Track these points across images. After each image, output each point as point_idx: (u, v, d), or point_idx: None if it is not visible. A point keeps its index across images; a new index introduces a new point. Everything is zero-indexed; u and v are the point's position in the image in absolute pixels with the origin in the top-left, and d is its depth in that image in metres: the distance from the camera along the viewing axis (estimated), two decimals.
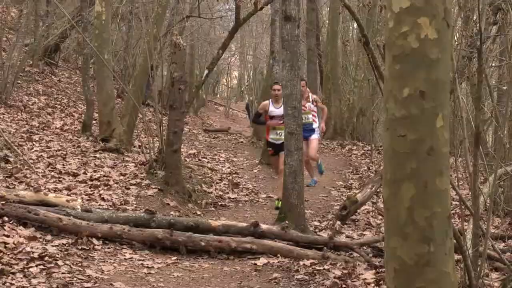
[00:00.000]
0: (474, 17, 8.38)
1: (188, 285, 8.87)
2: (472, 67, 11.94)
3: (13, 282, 8.13)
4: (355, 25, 26.52)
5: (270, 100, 14.40)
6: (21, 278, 8.34)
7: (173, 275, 9.21)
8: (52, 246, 9.62)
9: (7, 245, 9.15)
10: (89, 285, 8.56)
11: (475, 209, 6.91)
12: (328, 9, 29.95)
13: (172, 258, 9.84)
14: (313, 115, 15.67)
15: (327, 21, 29.95)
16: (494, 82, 11.75)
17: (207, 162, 18.45)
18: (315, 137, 15.60)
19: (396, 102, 3.86)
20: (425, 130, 3.81)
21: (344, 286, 8.29)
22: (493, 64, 13.73)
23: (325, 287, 8.48)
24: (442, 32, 3.86)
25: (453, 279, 4.00)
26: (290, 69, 11.62)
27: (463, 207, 7.37)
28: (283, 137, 12.47)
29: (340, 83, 26.98)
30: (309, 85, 26.55)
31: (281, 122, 13.04)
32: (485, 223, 7.27)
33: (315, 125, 15.62)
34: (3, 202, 10.29)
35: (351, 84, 27.06)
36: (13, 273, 8.40)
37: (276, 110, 13.98)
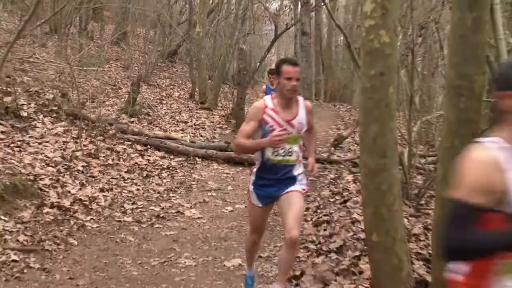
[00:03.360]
0: (409, 32, 8.18)
1: None
2: (408, 60, 11.68)
3: (153, 180, 8.31)
4: (342, 37, 26.18)
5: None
6: (157, 179, 8.50)
7: (241, 178, 9.28)
8: (174, 162, 9.77)
9: (149, 161, 9.32)
10: (194, 183, 8.69)
11: (409, 140, 6.84)
12: (327, 27, 29.62)
13: (240, 168, 9.91)
14: (300, 149, 4.06)
15: (325, 35, 29.52)
16: (419, 69, 11.58)
17: None
18: (297, 187, 4.02)
19: (366, 78, 3.80)
20: (383, 94, 3.76)
21: (336, 183, 8.30)
22: (419, 59, 13.39)
23: (324, 184, 8.50)
24: (392, 39, 3.77)
25: (398, 177, 3.98)
26: (306, 62, 11.52)
27: (403, 139, 7.30)
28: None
29: (334, 70, 26.75)
30: (315, 72, 26.03)
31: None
32: (415, 148, 7.19)
33: (298, 171, 4.10)
34: (147, 137, 10.44)
35: (340, 70, 26.75)
36: (153, 176, 8.57)
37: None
